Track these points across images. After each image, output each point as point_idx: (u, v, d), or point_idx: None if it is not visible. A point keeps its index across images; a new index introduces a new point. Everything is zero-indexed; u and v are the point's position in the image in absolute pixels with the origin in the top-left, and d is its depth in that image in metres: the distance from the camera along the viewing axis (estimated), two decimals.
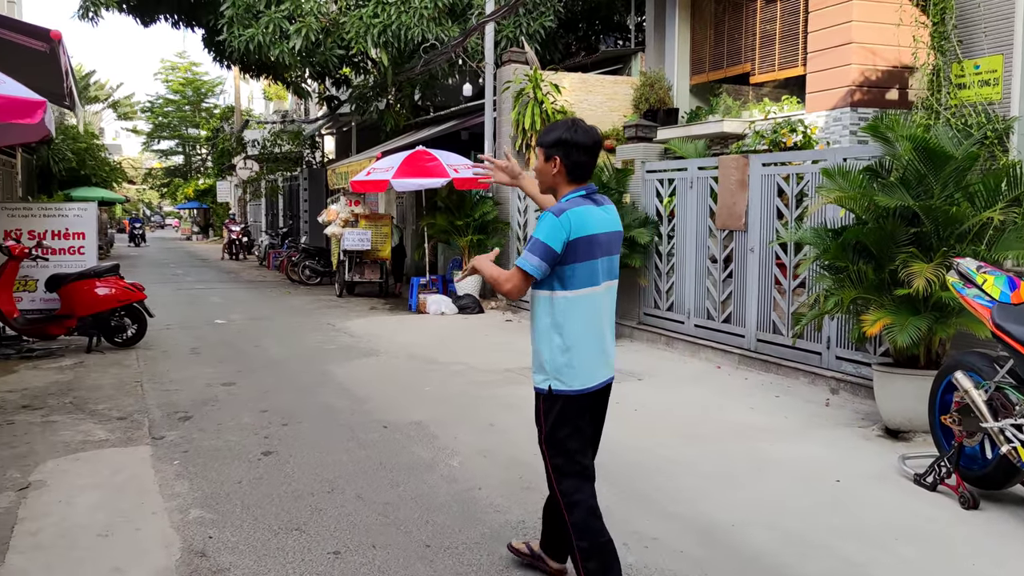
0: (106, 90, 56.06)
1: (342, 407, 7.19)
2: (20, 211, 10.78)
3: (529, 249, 3.36)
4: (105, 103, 56.86)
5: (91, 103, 54.84)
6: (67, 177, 29.11)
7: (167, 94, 52.54)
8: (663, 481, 5.30)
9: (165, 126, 54.17)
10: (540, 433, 3.59)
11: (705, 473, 5.47)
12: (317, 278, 19.43)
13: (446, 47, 14.56)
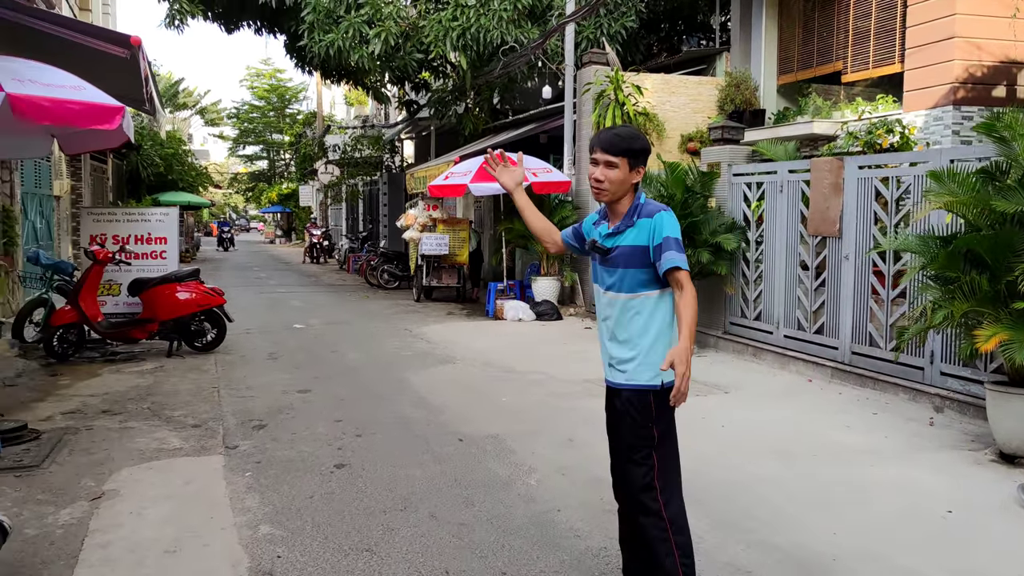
0: (194, 97, 57.65)
1: (417, 417, 7.00)
2: (105, 216, 10.95)
3: (677, 249, 3.35)
4: (193, 110, 58.48)
5: (179, 110, 56.48)
6: (155, 182, 29.84)
7: (252, 100, 53.76)
8: (755, 505, 4.95)
9: (250, 132, 55.43)
10: (647, 434, 3.45)
11: (800, 497, 5.09)
12: (395, 282, 19.43)
13: (525, 49, 14.34)
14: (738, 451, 6.03)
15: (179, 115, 57.68)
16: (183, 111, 57.47)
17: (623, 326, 3.49)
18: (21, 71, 5.83)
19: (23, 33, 6.97)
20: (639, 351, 3.44)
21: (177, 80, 55.55)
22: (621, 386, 3.48)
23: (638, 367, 3.44)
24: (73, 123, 5.76)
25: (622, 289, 3.47)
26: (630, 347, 3.47)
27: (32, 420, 6.91)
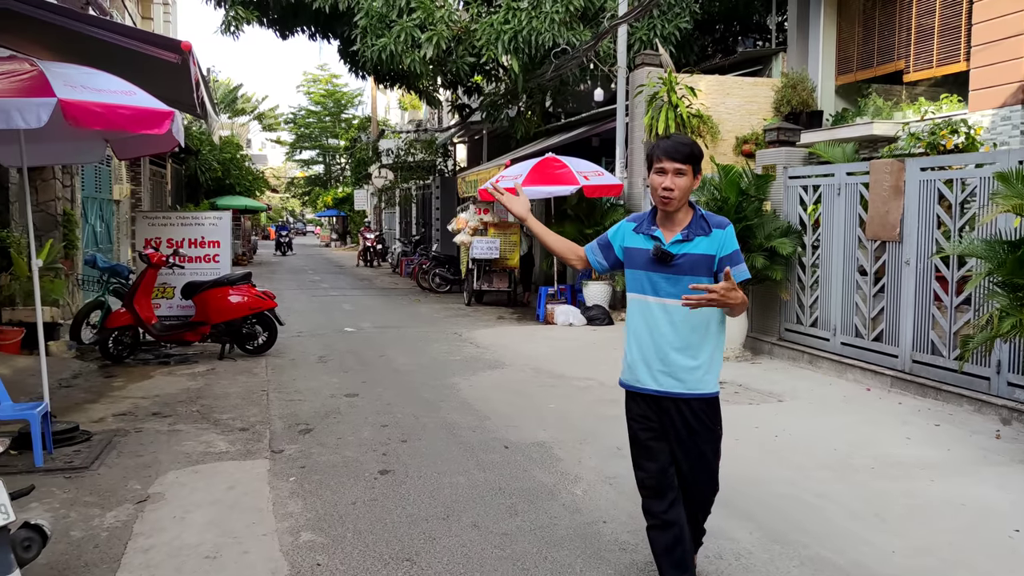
0: (252, 103, 58.57)
1: (463, 424, 6.93)
2: (159, 220, 11.10)
3: (743, 262, 3.53)
4: (251, 115, 59.41)
5: (238, 115, 57.46)
6: (213, 186, 30.36)
7: (309, 105, 54.43)
8: (808, 520, 4.76)
9: (306, 137, 56.09)
10: (712, 436, 3.66)
11: (856, 512, 4.88)
12: (447, 286, 19.44)
13: (577, 52, 14.22)
14: (792, 462, 5.84)
15: (237, 120, 58.71)
16: (241, 116, 58.45)
17: (683, 335, 3.51)
18: (75, 77, 5.89)
19: (79, 40, 7.07)
20: (702, 359, 3.54)
21: (236, 86, 56.55)
22: (684, 395, 3.54)
23: (705, 375, 3.55)
24: (123, 128, 5.80)
25: (680, 295, 3.41)
26: (692, 355, 3.52)
27: (85, 421, 6.99)
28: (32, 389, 8.21)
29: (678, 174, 3.43)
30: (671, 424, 3.59)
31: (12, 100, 5.34)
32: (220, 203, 30.01)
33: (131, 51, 7.00)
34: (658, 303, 3.53)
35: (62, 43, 7.41)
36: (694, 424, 3.56)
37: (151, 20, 34.50)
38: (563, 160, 13.21)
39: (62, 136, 7.21)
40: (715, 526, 4.60)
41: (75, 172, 14.28)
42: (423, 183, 30.04)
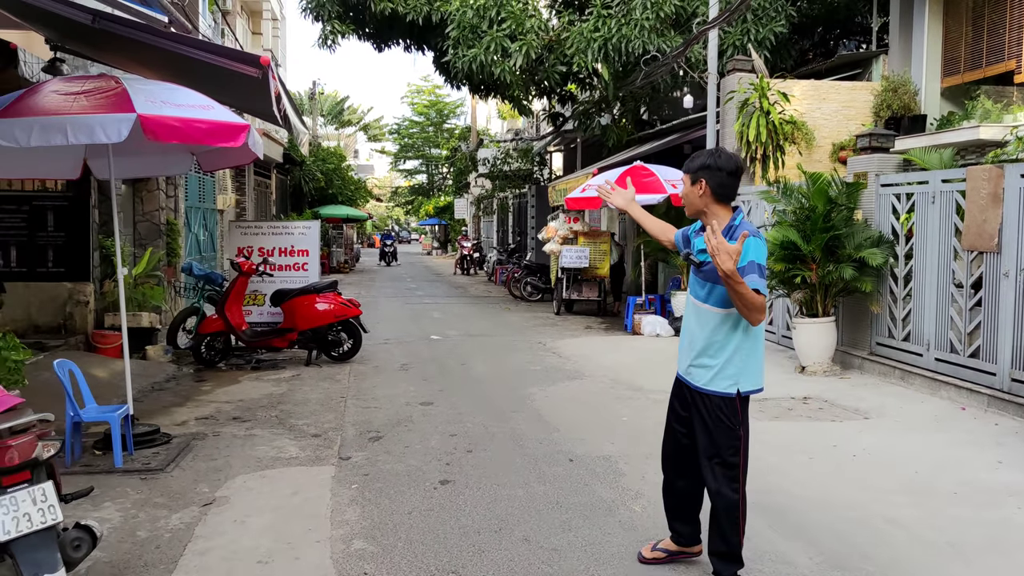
0: (358, 114, 60.09)
1: (531, 435, 6.88)
2: (251, 229, 11.45)
3: (759, 274, 3.61)
4: (357, 126, 60.93)
5: (344, 126, 59.07)
6: (316, 196, 31.17)
7: (412, 116, 55.42)
8: (875, 546, 4.52)
9: (410, 147, 57.10)
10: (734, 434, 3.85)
11: (928, 541, 4.61)
12: (538, 295, 19.44)
13: (666, 58, 14.02)
14: (866, 484, 5.56)
15: (344, 131, 60.33)
16: (347, 127, 60.05)
17: (706, 336, 3.84)
18: (156, 93, 6.13)
19: (169, 57, 7.36)
20: (719, 362, 3.82)
21: (343, 98, 58.20)
22: (703, 390, 3.86)
23: (716, 376, 3.82)
24: (200, 141, 6.01)
25: (708, 301, 3.83)
26: (711, 356, 3.83)
27: (168, 424, 7.26)
28: (126, 392, 8.58)
29: (683, 183, 3.93)
30: (697, 415, 3.92)
31: (96, 116, 5.60)
32: (323, 212, 30.82)
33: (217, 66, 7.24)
34: (693, 303, 3.95)
35: (156, 60, 7.74)
36: (711, 417, 3.85)
37: (260, 35, 35.82)
38: (651, 168, 13.03)
39: (150, 149, 7.51)
40: (773, 549, 4.44)
41: (178, 183, 14.90)
42: (519, 192, 30.16)
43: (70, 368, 6.17)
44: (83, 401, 6.27)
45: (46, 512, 3.34)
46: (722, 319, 3.79)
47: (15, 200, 10.61)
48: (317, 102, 41.58)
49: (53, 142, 5.57)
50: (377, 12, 16.27)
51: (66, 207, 10.68)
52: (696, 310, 3.91)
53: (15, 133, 5.50)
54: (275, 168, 27.14)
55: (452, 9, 15.49)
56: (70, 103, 5.73)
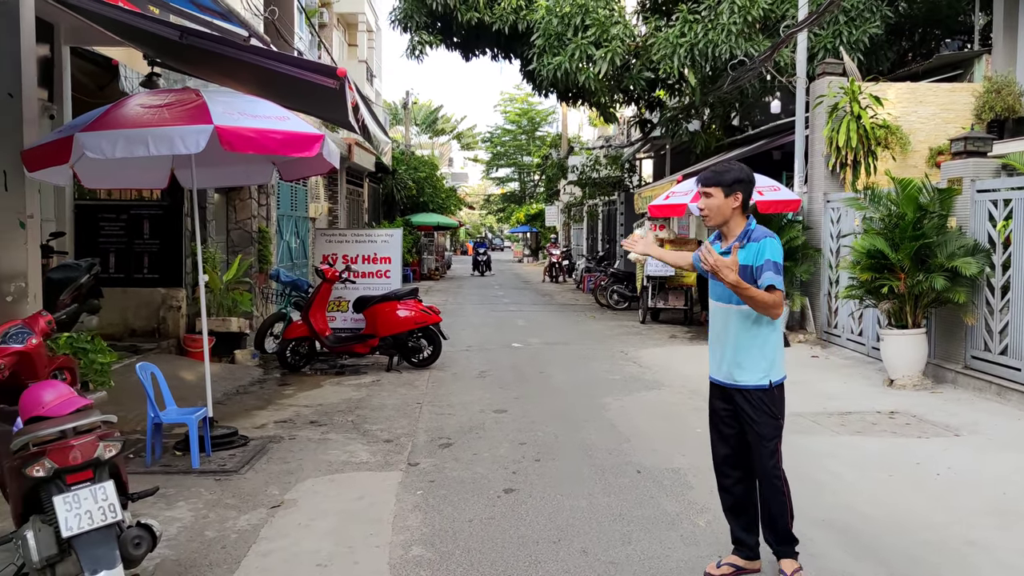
0: (451, 123, 60.83)
1: (601, 445, 6.80)
2: (336, 237, 11.70)
3: (775, 271, 3.95)
4: (451, 135, 61.67)
5: (438, 135, 59.86)
6: (408, 204, 31.66)
7: (505, 124, 55.84)
8: (950, 570, 4.30)
9: (502, 155, 57.56)
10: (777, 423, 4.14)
11: (1011, 566, 4.36)
12: (625, 303, 19.27)
13: (754, 63, 13.73)
14: (948, 505, 5.30)
15: (438, 140, 61.16)
16: (441, 136, 60.85)
17: (734, 333, 4.11)
18: (234, 104, 6.32)
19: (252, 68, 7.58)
20: (751, 358, 4.08)
21: (436, 107, 58.99)
22: (745, 387, 4.11)
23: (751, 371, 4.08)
24: (275, 151, 6.17)
25: (732, 300, 4.08)
26: (745, 353, 4.09)
27: (248, 427, 7.46)
28: (212, 395, 8.86)
29: (705, 196, 4.12)
30: (741, 411, 4.16)
31: (176, 128, 5.81)
32: (414, 220, 31.32)
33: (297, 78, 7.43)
34: (718, 305, 4.21)
35: (241, 73, 7.98)
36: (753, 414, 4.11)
37: (356, 46, 36.62)
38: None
39: (233, 160, 7.74)
40: (842, 569, 4.29)
41: (270, 192, 15.34)
42: (608, 199, 30.00)
43: (152, 371, 6.40)
44: (164, 403, 6.48)
45: (106, 510, 3.45)
46: (747, 315, 4.06)
47: (114, 209, 11.10)
48: (411, 111, 42.23)
49: (136, 153, 5.80)
50: (464, 22, 16.47)
51: (161, 216, 11.12)
52: (724, 312, 4.17)
53: (102, 145, 5.74)
54: (367, 177, 27.69)
55: (537, 18, 15.55)
56: (152, 116, 5.96)
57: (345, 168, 23.81)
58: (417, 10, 16.74)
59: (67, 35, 9.87)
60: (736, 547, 4.31)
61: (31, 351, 4.12)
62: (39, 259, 7.05)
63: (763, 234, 4.04)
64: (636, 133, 25.60)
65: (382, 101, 44.70)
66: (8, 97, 6.74)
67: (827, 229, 12.57)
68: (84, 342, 6.31)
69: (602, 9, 15.25)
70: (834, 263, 12.22)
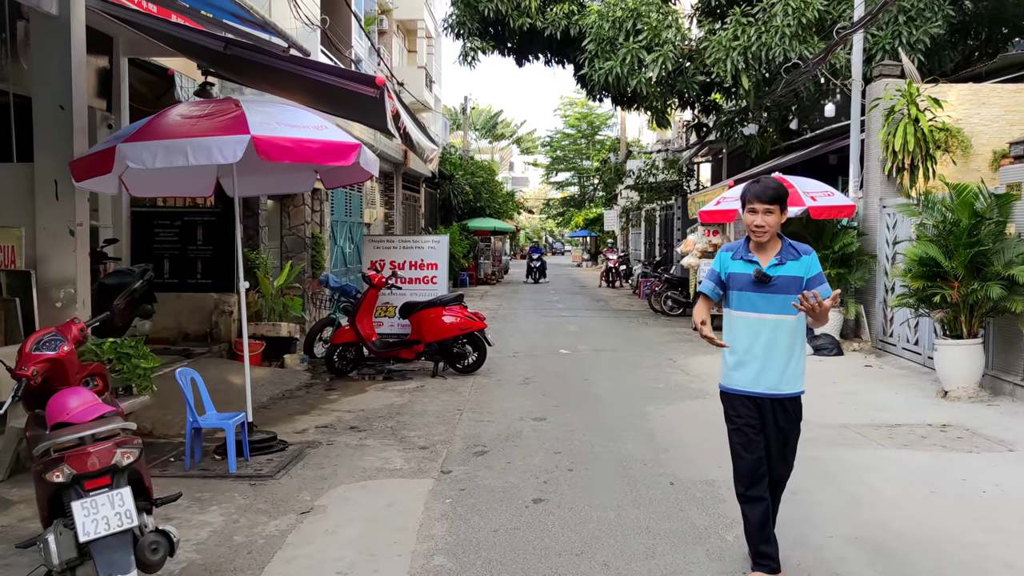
0: (511, 128, 61.01)
1: (637, 455, 6.72)
2: (384, 243, 11.80)
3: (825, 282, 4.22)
4: (510, 139, 61.86)
5: (498, 140, 60.11)
6: (464, 209, 31.81)
7: (565, 129, 55.82)
8: None
9: (562, 159, 57.55)
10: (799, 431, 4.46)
11: None
12: (679, 309, 19.06)
13: (808, 65, 13.47)
14: (991, 525, 5.11)
15: (497, 145, 61.42)
16: (500, 141, 61.10)
17: (785, 345, 4.20)
18: (273, 114, 6.42)
19: (294, 78, 7.71)
20: (798, 367, 4.26)
21: (496, 113, 59.28)
22: (792, 395, 4.30)
23: (796, 377, 4.27)
24: (311, 160, 6.24)
25: (784, 311, 4.16)
26: (796, 362, 4.24)
27: (289, 431, 7.56)
28: (257, 400, 9.00)
29: (767, 213, 4.14)
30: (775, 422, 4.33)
31: (213, 138, 5.91)
32: (471, 225, 31.46)
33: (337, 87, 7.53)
34: (754, 317, 4.23)
35: (287, 82, 8.13)
36: (794, 419, 4.37)
37: (415, 53, 36.96)
38: (788, 180, 12.51)
39: (276, 168, 7.86)
40: None
41: (324, 198, 15.56)
42: (665, 203, 29.74)
43: (192, 376, 6.52)
44: (204, 408, 6.61)
45: (123, 516, 3.52)
46: (791, 324, 4.19)
47: (169, 216, 11.37)
48: (469, 116, 42.46)
49: (176, 163, 5.92)
50: (516, 28, 16.49)
51: (214, 222, 11.35)
52: (771, 324, 4.20)
53: (143, 155, 5.88)
54: (424, 182, 27.90)
55: (588, 23, 15.49)
56: (192, 126, 6.08)
57: (401, 174, 24.04)
58: (469, 17, 16.81)
59: (125, 47, 10.17)
60: (760, 561, 4.25)
61: (63, 358, 4.22)
62: (88, 266, 7.24)
63: (808, 248, 4.29)
64: (693, 137, 25.35)
65: (441, 107, 45.07)
66: (59, 109, 6.95)
67: (882, 235, 12.26)
68: (128, 347, 6.46)
69: (654, 13, 15.12)
70: (889, 270, 11.91)
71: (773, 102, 16.16)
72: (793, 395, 4.28)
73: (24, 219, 7.01)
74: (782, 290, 4.13)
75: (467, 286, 29.96)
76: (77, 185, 6.49)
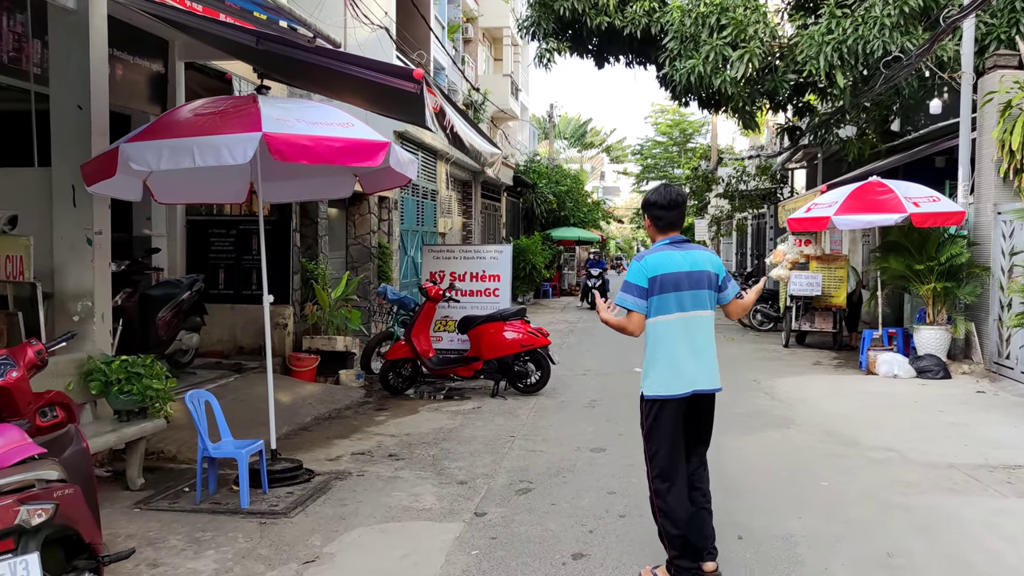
0: (601, 136, 60.06)
1: None
2: (443, 253, 11.15)
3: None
4: (599, 148, 60.90)
5: (587, 148, 59.23)
6: (548, 218, 31.05)
7: (656, 136, 54.62)
8: None
9: (652, 168, 56.34)
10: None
11: None
12: (769, 324, 17.89)
13: (910, 58, 12.24)
14: None
15: (587, 154, 60.53)
16: (590, 150, 60.16)
17: (712, 339, 4.48)
18: (293, 111, 5.81)
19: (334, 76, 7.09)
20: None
21: (585, 121, 58.41)
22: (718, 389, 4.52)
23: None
24: (333, 160, 5.59)
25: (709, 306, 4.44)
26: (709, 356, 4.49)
27: (321, 458, 6.94)
28: (299, 420, 8.43)
29: None
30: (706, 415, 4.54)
31: (222, 137, 5.31)
32: (555, 235, 30.67)
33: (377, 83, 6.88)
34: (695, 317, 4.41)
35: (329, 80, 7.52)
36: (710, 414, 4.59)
37: (500, 61, 36.50)
38: (888, 184, 11.36)
39: (312, 172, 7.27)
40: None
41: (392, 207, 15.05)
42: (757, 212, 28.39)
43: (206, 399, 5.94)
44: (220, 434, 6.02)
45: None
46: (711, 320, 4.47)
47: (223, 224, 10.97)
48: (556, 124, 41.77)
49: (182, 164, 5.35)
50: (593, 27, 15.67)
51: (269, 231, 10.85)
52: (704, 320, 4.43)
53: (146, 156, 5.33)
54: (505, 191, 27.29)
55: (670, 19, 14.55)
56: (203, 123, 5.50)
57: (480, 182, 23.48)
58: (545, 17, 16.05)
59: (181, 51, 9.81)
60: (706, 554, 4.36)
61: (10, 386, 3.65)
62: (108, 277, 6.78)
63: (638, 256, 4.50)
64: (786, 141, 24.05)
65: (528, 115, 44.49)
66: (78, 109, 6.50)
67: (997, 245, 10.97)
68: (139, 366, 5.91)
69: (741, 8, 14.09)
70: (1006, 284, 10.63)
71: (872, 101, 14.90)
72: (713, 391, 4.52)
73: (42, 227, 6.58)
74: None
75: (549, 297, 29.17)
76: (89, 190, 5.98)
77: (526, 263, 23.29)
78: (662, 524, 4.31)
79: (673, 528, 4.24)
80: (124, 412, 6.04)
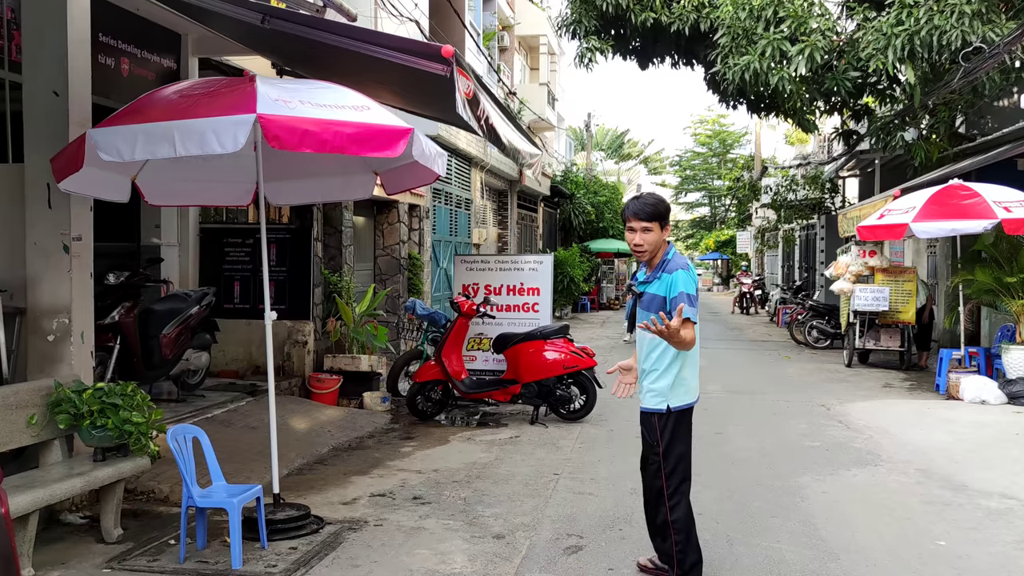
0: (638, 147, 58.97)
1: (795, 562, 4.76)
2: (477, 264, 10.14)
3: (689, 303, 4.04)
4: (637, 159, 59.80)
5: (624, 160, 58.19)
6: (586, 230, 30.06)
7: (695, 147, 53.55)
8: None
9: (691, 179, 55.26)
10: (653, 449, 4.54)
11: None
12: (826, 341, 16.69)
13: (995, 48, 11.05)
14: None
15: (624, 165, 59.43)
16: (627, 161, 59.07)
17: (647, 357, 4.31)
18: (296, 91, 4.87)
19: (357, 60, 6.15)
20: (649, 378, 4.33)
21: (622, 132, 57.34)
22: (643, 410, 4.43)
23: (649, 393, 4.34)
24: (341, 148, 4.60)
25: None
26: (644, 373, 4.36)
27: (334, 501, 5.97)
28: (315, 451, 7.46)
29: (645, 231, 4.21)
30: None
31: (207, 120, 4.37)
32: (593, 247, 29.66)
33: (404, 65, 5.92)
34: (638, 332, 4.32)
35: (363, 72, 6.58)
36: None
37: (537, 70, 35.65)
38: (973, 187, 10.19)
39: (328, 171, 6.33)
40: None
41: (423, 215, 14.12)
42: (806, 223, 27.10)
43: (195, 435, 4.98)
44: (211, 476, 5.05)
45: None
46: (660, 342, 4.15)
47: (239, 233, 10.08)
48: (593, 134, 40.77)
49: (159, 154, 4.40)
50: (639, 24, 14.62)
51: (288, 240, 9.98)
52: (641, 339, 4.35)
53: (117, 143, 4.39)
54: (542, 201, 26.34)
55: (722, 14, 13.48)
56: (185, 105, 4.56)
57: (516, 192, 22.55)
58: (585, 14, 15.04)
59: (194, 46, 9.03)
60: None
61: None
62: (89, 290, 5.86)
63: (676, 265, 4.19)
64: (838, 148, 22.78)
65: (565, 125, 43.53)
66: (53, 95, 5.61)
67: None
68: (115, 395, 4.96)
69: (799, 0, 13.00)
70: None
71: (942, 100, 13.69)
72: (646, 410, 4.35)
73: (16, 231, 5.70)
74: (646, 307, 4.21)
75: (587, 311, 28.09)
76: (60, 187, 5.07)
77: (564, 276, 22.37)
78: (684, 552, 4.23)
79: (694, 553, 4.23)
80: (99, 449, 5.10)
